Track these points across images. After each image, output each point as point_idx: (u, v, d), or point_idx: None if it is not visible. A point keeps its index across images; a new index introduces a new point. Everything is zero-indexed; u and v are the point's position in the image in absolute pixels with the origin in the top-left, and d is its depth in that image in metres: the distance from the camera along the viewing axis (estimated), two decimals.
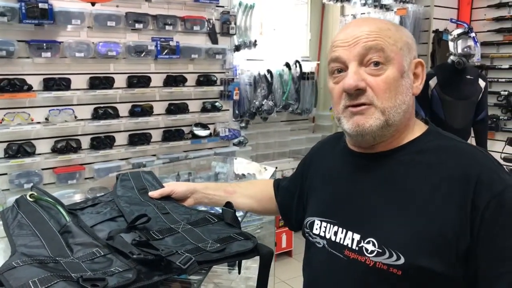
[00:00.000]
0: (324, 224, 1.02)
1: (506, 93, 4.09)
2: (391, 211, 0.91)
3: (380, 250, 0.88)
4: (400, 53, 0.93)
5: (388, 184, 0.95)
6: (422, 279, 0.85)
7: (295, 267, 3.76)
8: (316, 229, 1.04)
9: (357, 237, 0.93)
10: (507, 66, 4.10)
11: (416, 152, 0.95)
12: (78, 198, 2.20)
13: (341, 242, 0.96)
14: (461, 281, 0.85)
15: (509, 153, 3.67)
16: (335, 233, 0.98)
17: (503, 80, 4.12)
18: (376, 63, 0.91)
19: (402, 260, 0.85)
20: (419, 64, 0.99)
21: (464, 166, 0.88)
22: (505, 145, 3.62)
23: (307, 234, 1.08)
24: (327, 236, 1.00)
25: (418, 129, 1.00)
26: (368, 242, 0.91)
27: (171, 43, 3.13)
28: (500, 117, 4.16)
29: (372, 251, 0.89)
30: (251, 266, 1.59)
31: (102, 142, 2.94)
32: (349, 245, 0.94)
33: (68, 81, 2.75)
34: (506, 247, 0.82)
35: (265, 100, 4.02)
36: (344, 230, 0.96)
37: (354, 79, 0.91)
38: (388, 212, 0.91)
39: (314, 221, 1.05)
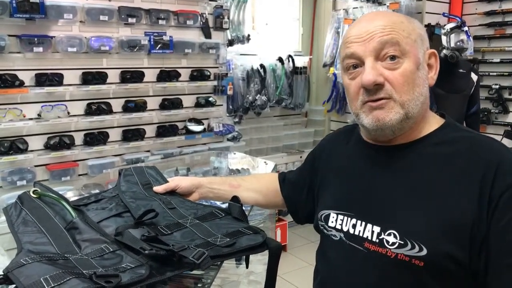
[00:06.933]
0: (340, 217, 1.02)
1: (497, 86, 4.11)
2: (412, 203, 0.91)
3: (402, 242, 0.88)
4: (415, 45, 0.94)
5: (408, 176, 0.94)
6: (444, 270, 0.85)
7: (290, 262, 3.77)
8: (332, 222, 1.03)
9: (377, 229, 0.93)
10: (498, 60, 4.11)
11: (435, 144, 0.95)
12: (71, 195, 2.17)
13: (361, 234, 0.96)
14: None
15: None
16: (354, 226, 0.98)
17: (494, 74, 4.14)
18: (393, 57, 0.91)
19: (424, 252, 0.85)
20: (432, 54, 0.99)
21: (483, 157, 0.88)
22: (502, 138, 3.65)
23: (321, 227, 1.07)
24: (345, 229, 1.00)
25: (436, 122, 1.00)
26: (389, 234, 0.90)
27: (164, 37, 3.10)
28: (492, 111, 4.19)
29: (393, 243, 0.89)
30: (252, 260, 1.58)
31: (96, 138, 2.90)
32: (369, 238, 0.94)
33: (61, 76, 2.71)
34: None
35: (258, 95, 4.00)
36: (363, 223, 0.96)
37: (372, 74, 0.91)
38: (409, 204, 0.91)
39: (329, 214, 1.04)
